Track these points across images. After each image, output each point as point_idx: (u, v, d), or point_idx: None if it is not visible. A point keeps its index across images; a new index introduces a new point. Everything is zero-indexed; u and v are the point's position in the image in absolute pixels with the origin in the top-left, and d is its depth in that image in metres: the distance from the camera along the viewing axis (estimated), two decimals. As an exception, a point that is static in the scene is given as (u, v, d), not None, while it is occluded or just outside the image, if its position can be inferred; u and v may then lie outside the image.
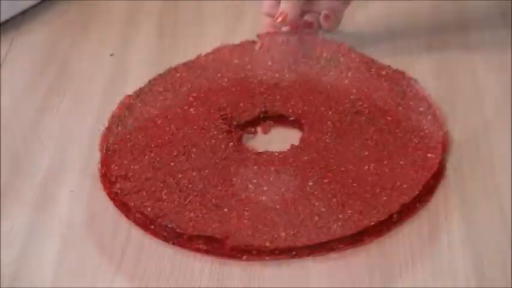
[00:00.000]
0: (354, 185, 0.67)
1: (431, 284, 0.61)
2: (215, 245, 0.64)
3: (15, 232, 0.67)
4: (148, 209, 0.66)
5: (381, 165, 0.69)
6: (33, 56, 0.85)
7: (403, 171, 0.68)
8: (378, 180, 0.68)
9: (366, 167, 0.69)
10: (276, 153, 0.71)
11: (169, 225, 0.65)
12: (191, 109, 0.76)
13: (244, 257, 0.64)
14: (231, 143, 0.72)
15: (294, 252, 0.64)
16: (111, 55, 0.85)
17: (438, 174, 0.69)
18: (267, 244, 0.63)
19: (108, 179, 0.70)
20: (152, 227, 0.66)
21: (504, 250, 0.63)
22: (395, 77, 0.77)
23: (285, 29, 0.81)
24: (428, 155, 0.69)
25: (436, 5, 0.88)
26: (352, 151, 0.70)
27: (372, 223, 0.64)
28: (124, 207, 0.68)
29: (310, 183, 0.68)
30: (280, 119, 0.75)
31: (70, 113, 0.78)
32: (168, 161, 0.70)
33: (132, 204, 0.67)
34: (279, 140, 0.74)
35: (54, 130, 0.76)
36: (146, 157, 0.71)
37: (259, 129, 0.75)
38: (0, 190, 0.70)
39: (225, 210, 0.66)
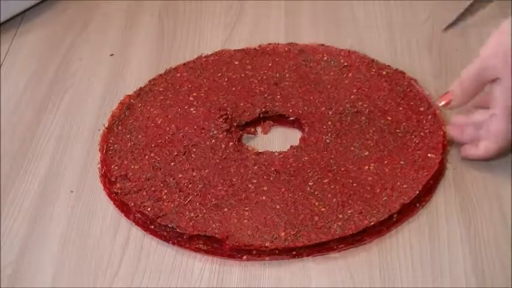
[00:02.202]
0: (354, 185, 0.67)
1: (431, 284, 0.61)
2: (215, 245, 0.64)
3: (15, 232, 0.67)
4: (149, 209, 0.66)
5: (381, 165, 0.69)
6: (33, 55, 0.85)
7: (403, 171, 0.68)
8: (378, 180, 0.68)
9: (366, 167, 0.69)
10: (276, 153, 0.71)
11: (169, 225, 0.65)
12: (191, 109, 0.76)
13: (244, 257, 0.64)
14: (231, 143, 0.72)
15: (294, 252, 0.64)
16: (111, 55, 0.85)
17: (438, 174, 0.69)
18: (267, 244, 0.63)
19: (108, 179, 0.70)
20: (152, 227, 0.66)
21: (504, 250, 0.63)
22: (395, 77, 0.77)
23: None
24: (429, 155, 0.69)
25: (436, 4, 0.88)
26: (352, 151, 0.70)
27: (372, 223, 0.64)
28: (124, 207, 0.68)
29: (310, 183, 0.68)
30: (280, 119, 0.75)
31: (70, 113, 0.78)
32: (168, 161, 0.71)
33: (132, 204, 0.67)
34: (279, 140, 0.74)
35: (54, 130, 0.76)
36: (146, 157, 0.71)
37: (259, 129, 0.75)
38: (0, 190, 0.70)
39: (225, 210, 0.66)
